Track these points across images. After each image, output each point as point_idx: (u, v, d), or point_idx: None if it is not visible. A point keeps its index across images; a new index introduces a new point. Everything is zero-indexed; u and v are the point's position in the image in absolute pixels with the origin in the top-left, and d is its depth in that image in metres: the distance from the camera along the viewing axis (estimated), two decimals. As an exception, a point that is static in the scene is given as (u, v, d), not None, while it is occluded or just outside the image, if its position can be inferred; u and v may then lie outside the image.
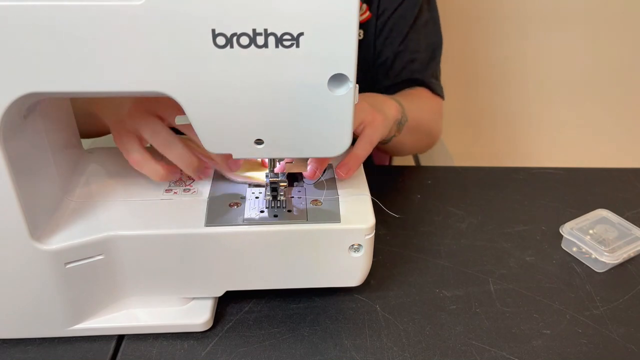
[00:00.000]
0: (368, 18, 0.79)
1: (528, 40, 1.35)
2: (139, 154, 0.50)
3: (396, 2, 0.79)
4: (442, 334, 0.52)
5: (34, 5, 0.35)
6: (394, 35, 0.80)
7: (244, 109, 0.40)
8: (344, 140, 0.43)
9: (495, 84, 1.42)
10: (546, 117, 1.47)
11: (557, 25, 1.33)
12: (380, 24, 0.80)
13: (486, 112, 1.47)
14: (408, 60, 0.81)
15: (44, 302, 0.48)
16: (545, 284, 0.58)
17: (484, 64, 1.37)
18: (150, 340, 0.51)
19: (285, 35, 0.37)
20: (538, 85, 1.42)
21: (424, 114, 0.80)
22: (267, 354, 0.50)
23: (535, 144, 1.52)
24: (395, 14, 0.79)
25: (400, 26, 0.80)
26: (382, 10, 0.79)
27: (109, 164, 0.56)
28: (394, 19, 0.79)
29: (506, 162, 1.48)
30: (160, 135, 0.50)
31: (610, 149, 1.49)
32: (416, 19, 0.80)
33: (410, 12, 0.79)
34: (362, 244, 0.50)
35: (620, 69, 1.39)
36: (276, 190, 0.51)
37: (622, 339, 0.52)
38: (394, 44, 0.80)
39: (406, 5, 0.79)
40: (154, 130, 0.50)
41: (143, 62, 0.38)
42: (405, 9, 0.79)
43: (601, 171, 0.78)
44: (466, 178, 0.77)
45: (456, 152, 1.06)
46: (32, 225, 0.45)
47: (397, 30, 0.80)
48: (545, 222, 0.68)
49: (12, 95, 0.39)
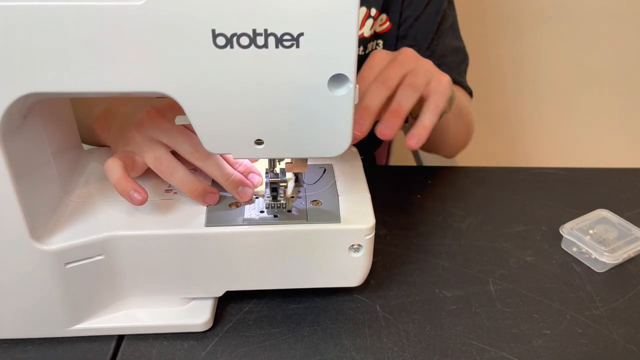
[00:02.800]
0: (388, 29, 0.79)
1: (528, 41, 1.35)
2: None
3: (419, 9, 0.78)
4: (442, 334, 0.52)
5: (34, 6, 0.35)
6: (419, 42, 0.80)
7: (244, 109, 0.40)
8: (344, 141, 0.43)
9: (495, 84, 1.42)
10: (546, 117, 1.47)
11: (557, 26, 1.33)
12: (402, 31, 0.79)
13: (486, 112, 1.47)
14: (435, 64, 0.81)
15: (44, 302, 0.48)
16: (545, 284, 0.58)
17: (484, 64, 1.37)
18: (150, 340, 0.51)
19: (285, 36, 0.37)
20: (538, 85, 1.42)
21: (465, 102, 0.79)
22: (267, 354, 0.50)
23: (535, 144, 1.52)
24: (418, 20, 0.79)
25: (424, 32, 0.79)
26: (404, 18, 0.79)
27: (109, 164, 0.56)
28: (417, 26, 0.79)
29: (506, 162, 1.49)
30: (163, 162, 0.50)
31: (610, 149, 1.49)
32: (440, 25, 0.80)
33: (434, 18, 0.79)
34: (362, 244, 0.50)
35: (620, 69, 1.39)
36: (276, 191, 0.51)
37: (622, 339, 0.52)
38: (420, 51, 0.79)
39: (429, 12, 0.78)
40: (156, 156, 0.50)
41: (143, 62, 0.38)
42: (428, 15, 0.79)
43: (601, 171, 0.78)
44: (466, 178, 0.77)
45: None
46: (32, 225, 0.45)
47: (421, 36, 0.79)
48: (545, 222, 0.68)
49: (12, 95, 0.39)
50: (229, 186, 0.51)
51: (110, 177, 0.48)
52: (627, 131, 1.48)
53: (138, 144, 0.51)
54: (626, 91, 1.42)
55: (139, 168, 0.51)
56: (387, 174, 0.77)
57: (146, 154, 0.50)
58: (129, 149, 0.52)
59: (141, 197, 0.47)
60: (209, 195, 0.50)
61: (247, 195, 0.51)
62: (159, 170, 0.50)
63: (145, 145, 0.50)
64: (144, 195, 0.47)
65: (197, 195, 0.50)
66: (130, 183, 0.48)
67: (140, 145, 0.51)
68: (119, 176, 0.48)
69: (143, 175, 0.53)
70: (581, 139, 1.49)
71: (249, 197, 0.51)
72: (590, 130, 1.48)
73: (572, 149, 1.51)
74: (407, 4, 0.78)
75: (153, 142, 0.50)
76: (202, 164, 0.51)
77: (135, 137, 0.51)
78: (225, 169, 0.51)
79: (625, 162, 0.85)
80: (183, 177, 0.49)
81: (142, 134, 0.51)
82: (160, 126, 0.50)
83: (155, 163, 0.50)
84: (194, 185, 0.50)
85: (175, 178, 0.50)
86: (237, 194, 0.51)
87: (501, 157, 1.53)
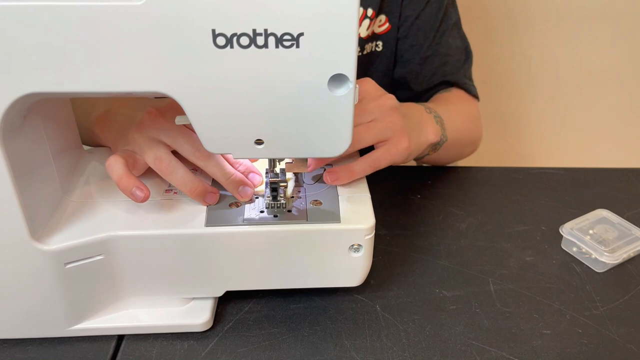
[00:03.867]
0: (388, 30, 0.79)
1: (528, 41, 1.35)
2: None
3: (419, 8, 0.78)
4: (442, 334, 0.52)
5: (34, 6, 0.35)
6: (420, 41, 0.79)
7: (244, 109, 0.40)
8: (343, 141, 0.43)
9: (495, 84, 1.42)
10: (546, 117, 1.47)
11: (557, 26, 1.33)
12: (404, 31, 0.79)
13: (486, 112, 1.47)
14: (439, 64, 0.80)
15: (44, 302, 0.48)
16: (545, 284, 0.58)
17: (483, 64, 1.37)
18: (150, 340, 0.51)
19: (285, 36, 0.37)
20: (538, 86, 1.42)
21: (464, 123, 0.77)
22: (267, 354, 0.50)
23: (536, 144, 1.52)
24: (419, 19, 0.78)
25: (425, 31, 0.79)
26: (404, 18, 0.78)
27: (109, 164, 0.56)
28: (417, 25, 0.78)
29: (506, 162, 1.49)
30: (163, 162, 0.50)
31: (610, 149, 1.49)
32: (442, 23, 0.79)
33: (435, 16, 0.78)
34: (362, 244, 0.50)
35: (620, 69, 1.39)
36: (276, 191, 0.51)
37: (622, 339, 0.52)
38: (422, 49, 0.79)
39: (430, 9, 0.78)
40: (156, 155, 0.50)
41: (143, 62, 0.38)
42: (429, 13, 0.78)
43: (601, 171, 0.78)
44: (466, 178, 0.77)
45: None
46: (32, 225, 0.45)
47: (422, 35, 0.79)
48: (545, 222, 0.68)
49: (12, 95, 0.39)
50: (230, 186, 0.51)
51: (112, 174, 0.48)
52: (627, 131, 1.48)
53: (139, 143, 0.51)
54: (626, 91, 1.42)
55: (139, 167, 0.52)
56: (387, 174, 0.77)
57: (147, 154, 0.50)
58: (130, 148, 0.52)
59: (143, 194, 0.47)
60: (209, 195, 0.50)
61: (248, 194, 0.51)
62: (160, 169, 0.50)
63: (146, 145, 0.50)
64: (146, 192, 0.47)
65: (197, 194, 0.50)
66: (133, 180, 0.48)
67: (141, 145, 0.51)
68: (121, 173, 0.48)
69: (143, 175, 0.53)
70: (581, 139, 1.49)
71: (249, 197, 0.51)
72: (590, 130, 1.48)
73: (572, 149, 1.51)
74: (406, 3, 0.77)
75: (154, 142, 0.50)
76: (203, 163, 0.51)
77: (135, 137, 0.51)
78: (225, 168, 0.51)
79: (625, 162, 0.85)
80: (183, 176, 0.49)
81: (143, 134, 0.51)
82: (161, 126, 0.50)
83: (155, 162, 0.50)
84: (194, 185, 0.50)
85: (175, 177, 0.50)
86: (237, 194, 0.51)
87: (501, 157, 1.53)
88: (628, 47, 1.36)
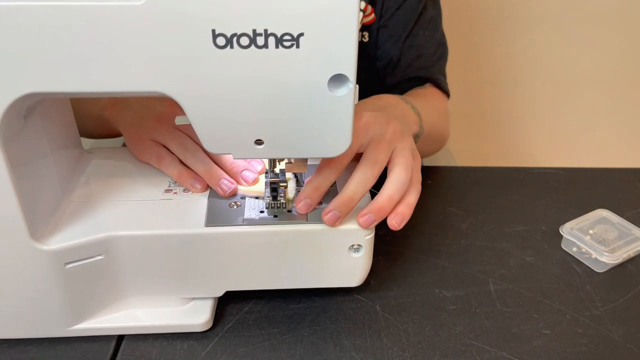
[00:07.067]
0: (373, 21, 0.79)
1: (528, 41, 1.35)
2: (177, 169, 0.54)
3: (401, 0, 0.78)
4: (442, 334, 0.52)
5: (34, 6, 0.35)
6: (398, 32, 0.79)
7: (244, 109, 0.40)
8: (344, 141, 0.43)
9: (495, 84, 1.42)
10: (546, 117, 1.47)
11: (557, 26, 1.33)
12: (383, 21, 0.79)
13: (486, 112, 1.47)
14: (415, 56, 0.81)
15: (44, 302, 0.48)
16: (545, 284, 0.58)
17: (483, 64, 1.37)
18: (150, 340, 0.51)
19: (285, 36, 0.37)
20: (538, 85, 1.42)
21: (436, 118, 0.77)
22: (267, 354, 0.50)
23: (536, 144, 1.52)
24: (399, 10, 0.78)
25: (404, 22, 0.79)
26: (386, 9, 0.78)
27: (109, 164, 0.56)
28: (397, 16, 0.79)
29: (506, 162, 1.49)
30: (188, 150, 0.53)
31: (610, 149, 1.49)
32: (420, 15, 0.79)
33: (414, 8, 0.79)
34: (362, 244, 0.50)
35: (620, 69, 1.39)
36: (276, 191, 0.51)
37: (622, 339, 0.52)
38: (399, 41, 0.80)
39: (410, 2, 0.78)
40: (181, 143, 0.54)
41: (143, 62, 0.38)
42: (409, 5, 0.78)
43: (601, 171, 0.78)
44: (466, 178, 0.77)
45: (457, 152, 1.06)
46: (32, 226, 0.45)
47: (401, 26, 0.79)
48: (545, 222, 0.68)
49: (12, 95, 0.39)
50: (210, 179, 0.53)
51: (171, 173, 0.53)
52: (627, 131, 1.48)
53: (162, 133, 0.55)
54: (626, 91, 1.42)
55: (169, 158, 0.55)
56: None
57: (170, 142, 0.54)
58: (152, 137, 0.55)
59: (201, 186, 0.52)
60: (225, 183, 0.53)
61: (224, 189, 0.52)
62: (183, 156, 0.54)
63: (169, 133, 0.54)
64: (203, 184, 0.52)
65: (216, 183, 0.52)
66: (190, 175, 0.53)
67: (164, 135, 0.55)
68: (180, 169, 0.53)
69: (143, 175, 0.53)
70: (581, 139, 1.49)
71: (228, 193, 0.52)
72: (590, 130, 1.48)
73: (572, 149, 1.51)
74: None
75: (176, 131, 0.55)
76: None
77: (158, 128, 0.55)
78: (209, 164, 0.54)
79: (625, 162, 0.85)
80: (202, 158, 0.53)
81: (164, 125, 0.55)
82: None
83: (179, 149, 0.54)
84: (218, 174, 0.53)
85: (203, 167, 0.53)
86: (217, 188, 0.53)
87: (501, 157, 1.53)
88: (628, 47, 1.36)
